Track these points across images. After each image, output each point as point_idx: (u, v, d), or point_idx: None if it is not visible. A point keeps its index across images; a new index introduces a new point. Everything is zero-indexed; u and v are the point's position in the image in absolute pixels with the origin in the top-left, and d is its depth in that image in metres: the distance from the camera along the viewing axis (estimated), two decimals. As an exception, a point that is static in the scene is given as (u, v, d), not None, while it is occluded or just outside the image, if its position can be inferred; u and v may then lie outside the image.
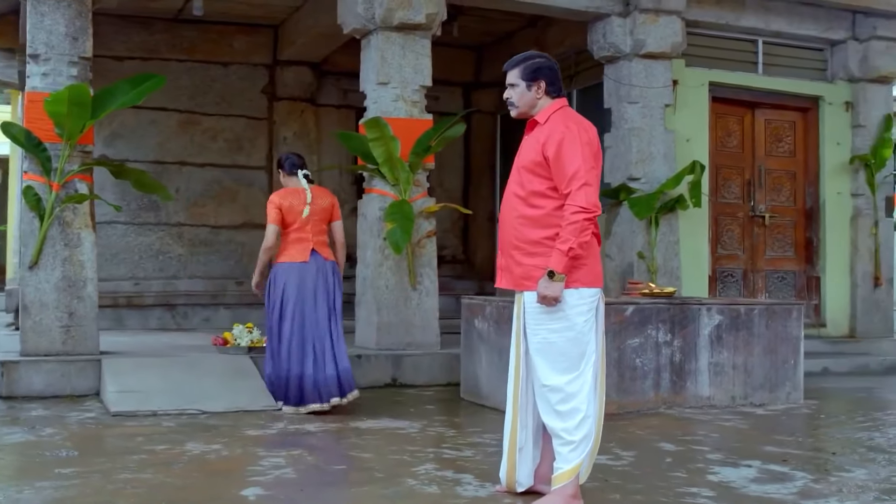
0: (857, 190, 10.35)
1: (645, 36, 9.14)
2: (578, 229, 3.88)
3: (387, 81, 8.34)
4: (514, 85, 4.17)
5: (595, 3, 9.17)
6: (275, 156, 11.45)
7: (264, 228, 11.43)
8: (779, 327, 7.49)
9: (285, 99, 11.50)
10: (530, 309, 4.05)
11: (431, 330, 8.41)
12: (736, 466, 5.05)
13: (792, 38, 10.18)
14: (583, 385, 4.05)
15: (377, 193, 8.36)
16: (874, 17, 10.17)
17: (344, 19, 8.61)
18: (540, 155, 4.01)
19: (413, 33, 8.39)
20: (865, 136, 10.34)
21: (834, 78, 10.41)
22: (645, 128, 9.27)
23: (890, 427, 6.43)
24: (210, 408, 6.53)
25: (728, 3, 9.68)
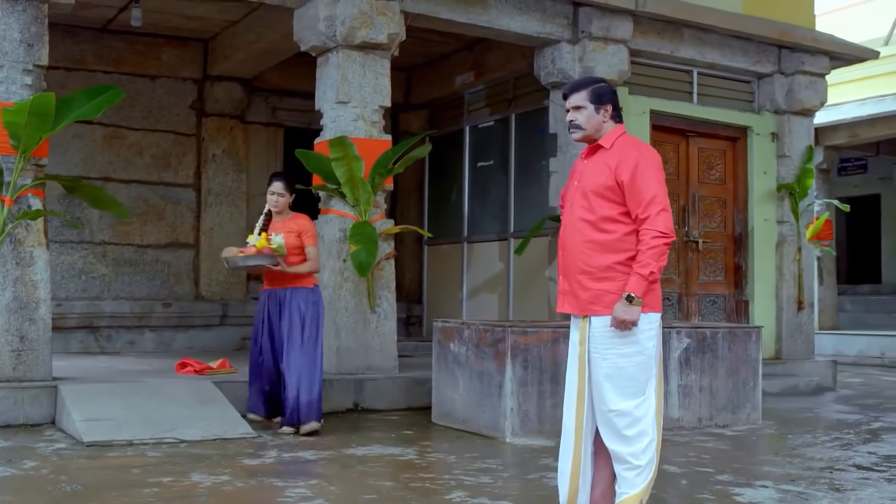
0: (783, 217, 10.77)
1: (594, 63, 9.27)
2: (658, 254, 3.88)
3: (347, 101, 8.20)
4: (582, 108, 4.14)
5: (546, 29, 9.26)
6: (203, 172, 11.15)
7: (191, 248, 11.30)
8: (740, 350, 7.70)
9: (214, 115, 11.18)
10: (599, 334, 4.02)
11: (390, 353, 8.29)
12: (753, 487, 5.14)
13: (724, 70, 10.53)
14: (648, 409, 4.05)
15: (336, 214, 8.20)
16: (799, 53, 10.63)
17: (301, 36, 8.43)
18: (612, 179, 3.99)
19: (373, 53, 8.30)
20: (790, 166, 10.77)
21: (761, 109, 10.82)
22: (592, 153, 9.38)
23: (858, 446, 6.67)
24: (187, 436, 6.24)
25: (668, 35, 9.94)
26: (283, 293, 6.58)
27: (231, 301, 11.13)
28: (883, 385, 11.57)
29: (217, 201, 11.17)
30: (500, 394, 6.69)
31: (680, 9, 9.73)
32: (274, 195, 6.63)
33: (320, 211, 8.47)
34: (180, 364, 8.06)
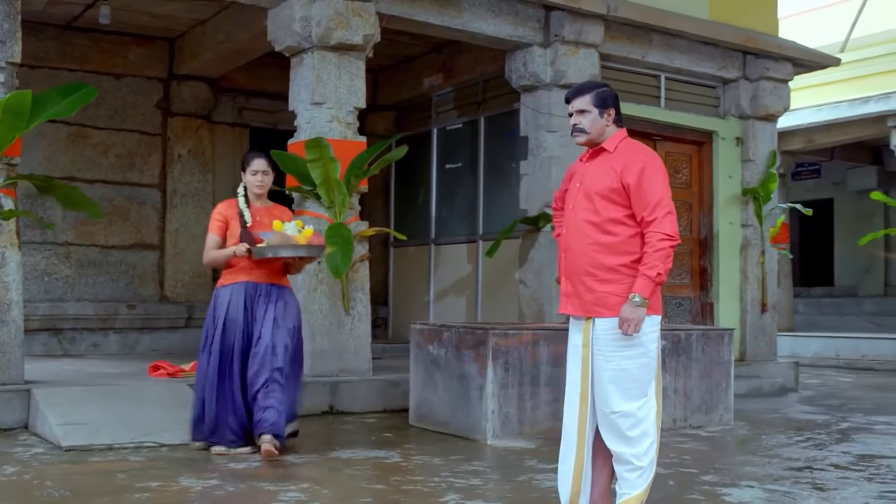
0: (747, 221, 10.92)
1: (566, 67, 9.33)
2: (665, 256, 3.93)
3: (322, 102, 8.17)
4: (586, 111, 4.18)
5: (518, 32, 9.30)
6: (169, 173, 11.02)
7: (156, 249, 11.16)
8: (713, 352, 7.79)
9: (180, 115, 11.05)
10: (604, 336, 4.05)
11: (364, 355, 8.27)
12: (739, 487, 5.21)
13: (691, 75, 10.66)
14: (650, 410, 4.10)
15: (311, 216, 8.15)
16: (764, 59, 10.79)
17: (276, 36, 8.37)
18: (618, 182, 4.03)
19: (348, 54, 8.27)
20: (754, 171, 10.94)
21: (726, 114, 10.97)
22: (563, 156, 9.44)
23: (831, 446, 6.79)
24: (167, 440, 6.17)
25: (638, 39, 10.03)
26: (269, 289, 5.77)
27: (196, 303, 11.00)
28: (842, 386, 11.79)
29: (183, 202, 11.05)
30: (481, 396, 6.70)
31: (649, 14, 9.83)
32: (258, 174, 5.81)
33: (294, 212, 8.40)
34: (153, 367, 7.96)
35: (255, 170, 5.83)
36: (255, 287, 5.75)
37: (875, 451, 6.53)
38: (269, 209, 5.91)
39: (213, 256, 5.82)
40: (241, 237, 5.67)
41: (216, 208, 5.93)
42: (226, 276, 5.82)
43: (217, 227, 5.80)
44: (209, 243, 5.81)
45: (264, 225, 5.72)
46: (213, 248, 5.80)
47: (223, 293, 5.77)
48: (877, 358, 14.45)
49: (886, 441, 7.05)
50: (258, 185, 5.84)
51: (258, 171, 5.82)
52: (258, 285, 5.75)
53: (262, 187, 5.85)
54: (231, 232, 5.74)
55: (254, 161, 5.86)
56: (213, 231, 5.81)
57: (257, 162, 5.86)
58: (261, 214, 5.84)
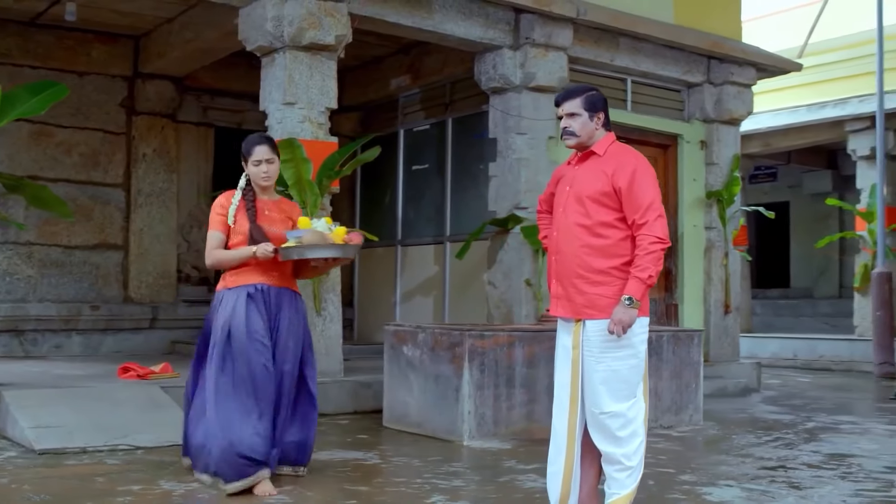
0: (711, 223, 11.06)
1: (535, 69, 9.38)
2: (656, 258, 3.98)
3: (294, 102, 8.12)
4: (576, 115, 4.20)
5: (489, 34, 9.32)
6: (133, 172, 10.88)
7: (120, 249, 11.01)
8: (683, 353, 7.89)
9: (145, 114, 10.92)
10: (595, 338, 4.08)
11: (336, 357, 8.25)
12: (718, 487, 5.28)
13: (656, 79, 10.76)
14: (640, 410, 4.15)
15: (282, 216, 8.11)
16: (728, 64, 10.93)
17: (247, 35, 8.31)
18: (609, 186, 4.07)
19: (320, 54, 8.23)
20: (718, 174, 11.08)
21: (691, 118, 11.09)
22: (532, 158, 9.50)
23: (801, 445, 6.90)
24: (142, 442, 6.11)
25: (605, 43, 10.11)
26: (281, 294, 4.96)
27: (161, 304, 10.89)
28: (802, 386, 11.98)
29: (147, 202, 10.92)
30: (458, 397, 6.72)
31: (618, 18, 9.91)
32: (261, 164, 4.91)
33: (265, 213, 8.36)
34: (122, 368, 7.86)
35: (258, 159, 4.91)
36: (272, 291, 4.91)
37: (844, 451, 6.65)
38: (277, 203, 5.09)
39: (222, 257, 4.88)
40: (250, 234, 4.82)
41: (217, 201, 4.99)
42: (235, 277, 4.89)
43: (220, 222, 4.92)
44: (213, 242, 4.90)
45: (274, 220, 4.94)
46: (217, 246, 4.89)
47: (230, 296, 4.86)
48: (833, 358, 14.70)
49: (853, 440, 7.18)
50: (264, 176, 4.93)
51: (262, 159, 4.91)
52: (274, 289, 4.92)
53: (269, 178, 4.95)
54: (237, 228, 4.87)
55: (256, 149, 4.92)
56: (217, 228, 4.91)
57: (260, 150, 4.92)
58: (269, 208, 5.00)
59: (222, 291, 4.92)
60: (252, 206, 4.91)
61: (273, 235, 4.85)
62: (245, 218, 4.87)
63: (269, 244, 4.76)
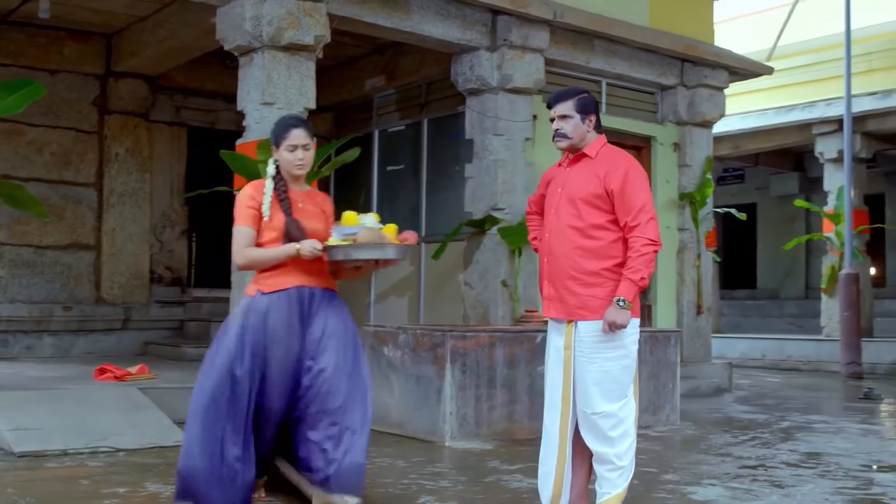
0: (683, 225, 11.16)
1: (512, 71, 9.41)
2: (648, 260, 4.02)
3: (272, 102, 8.08)
4: (568, 117, 4.23)
5: (466, 35, 9.34)
6: (105, 172, 10.78)
7: (92, 249, 10.90)
8: (660, 353, 7.95)
9: (118, 112, 10.83)
10: (588, 338, 4.11)
11: (314, 358, 8.21)
12: (702, 486, 5.33)
13: (630, 81, 10.83)
14: (630, 410, 4.19)
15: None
16: (701, 67, 11.04)
17: (225, 35, 8.26)
18: (601, 188, 4.10)
19: (299, 54, 8.20)
20: (690, 176, 11.18)
21: (664, 120, 11.18)
22: (509, 160, 9.53)
23: (778, 444, 6.99)
24: (123, 444, 6.08)
25: (581, 45, 10.17)
26: (322, 297, 4.32)
27: (134, 305, 10.81)
28: (772, 386, 12.12)
29: (120, 201, 10.83)
30: (439, 398, 6.74)
31: (594, 20, 9.96)
32: (297, 150, 4.27)
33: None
34: (99, 370, 7.80)
35: (293, 144, 4.25)
36: (314, 294, 4.27)
37: (820, 449, 6.74)
38: (309, 194, 4.42)
39: (257, 256, 4.19)
40: (286, 229, 4.16)
41: (245, 192, 4.28)
42: (272, 279, 4.21)
43: (251, 217, 4.21)
44: (243, 239, 4.20)
45: (309, 213, 4.29)
46: (248, 244, 4.19)
47: (262, 303, 4.19)
48: (801, 358, 14.88)
49: (828, 439, 7.28)
50: (299, 163, 4.28)
51: (297, 144, 4.26)
52: (316, 292, 4.29)
53: (304, 166, 4.32)
54: (272, 223, 4.20)
55: (291, 132, 4.27)
56: (245, 222, 4.20)
57: (296, 133, 4.27)
58: (302, 200, 4.34)
59: (255, 297, 4.18)
60: (285, 197, 4.21)
61: (310, 231, 4.18)
62: (280, 211, 4.18)
63: (315, 241, 4.11)
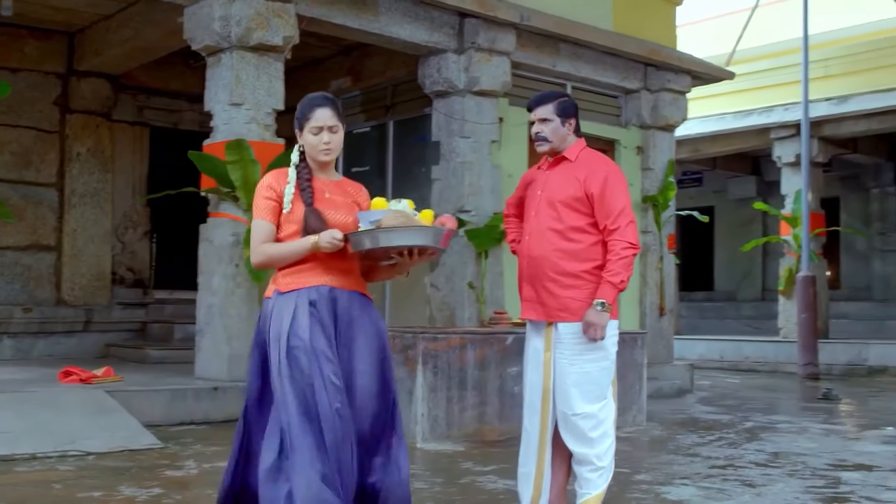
0: (647, 228, 11.28)
1: (479, 74, 9.44)
2: (627, 263, 4.05)
3: (241, 102, 8.06)
4: (548, 120, 4.26)
5: (433, 38, 9.36)
6: (66, 172, 10.64)
7: (52, 250, 10.76)
8: (627, 355, 8.01)
9: (79, 112, 10.69)
10: (568, 340, 4.14)
11: (282, 360, 8.18)
12: (675, 486, 5.40)
13: (595, 85, 10.92)
14: (610, 411, 4.23)
15: (228, 218, 8.03)
16: (664, 71, 11.16)
17: (193, 34, 8.21)
18: (581, 191, 4.13)
19: (268, 55, 8.18)
20: (653, 179, 11.30)
21: (627, 124, 11.30)
22: (475, 162, 9.56)
23: (745, 444, 7.08)
24: (92, 448, 6.00)
25: (547, 49, 10.24)
26: (352, 299, 3.60)
27: (95, 306, 10.67)
28: (732, 386, 12.28)
29: (81, 202, 10.69)
30: (411, 399, 6.74)
31: (560, 24, 10.04)
32: (322, 132, 3.58)
33: (209, 214, 8.28)
34: (63, 372, 7.68)
35: (318, 125, 3.59)
36: (340, 296, 3.57)
37: (786, 449, 6.85)
38: (338, 184, 3.73)
39: (273, 253, 3.55)
40: (305, 221, 3.52)
41: (265, 182, 3.64)
42: (290, 278, 3.56)
43: (270, 209, 3.57)
44: (261, 233, 3.57)
45: (337, 204, 3.63)
46: (267, 239, 3.57)
47: (285, 304, 3.51)
48: (759, 359, 15.09)
49: (792, 439, 7.39)
50: (325, 147, 3.60)
51: (323, 126, 3.59)
52: (343, 293, 3.57)
53: (331, 150, 3.62)
54: (293, 216, 3.55)
55: (317, 112, 3.60)
56: (264, 215, 3.58)
57: (322, 114, 3.59)
58: (330, 190, 3.66)
59: (273, 298, 3.55)
60: (308, 186, 3.61)
61: (336, 223, 3.55)
62: (301, 202, 3.58)
63: (335, 231, 3.48)
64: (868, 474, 5.82)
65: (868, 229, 17.79)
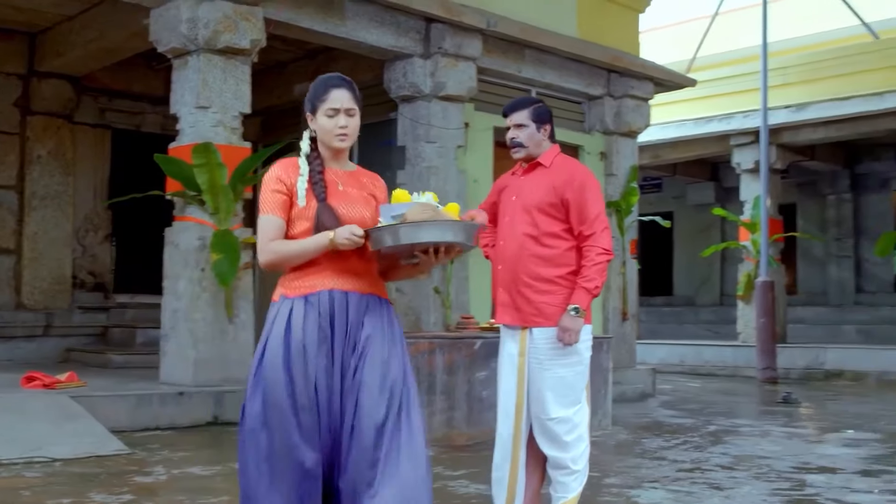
0: (610, 233, 11.35)
1: (445, 79, 9.47)
2: (601, 269, 4.09)
3: (207, 106, 8.01)
4: (524, 126, 4.29)
5: (400, 42, 9.38)
6: (27, 174, 10.50)
7: (11, 254, 10.61)
8: (593, 359, 7.95)
9: (40, 114, 10.57)
10: (543, 345, 4.17)
11: (247, 364, 8.11)
12: (644, 489, 5.45)
13: (559, 91, 10.99)
14: (584, 415, 4.26)
15: (193, 222, 7.98)
16: (627, 78, 11.27)
17: (159, 37, 8.15)
18: (557, 197, 4.16)
19: (235, 58, 8.15)
20: (616, 185, 11.39)
21: (591, 129, 11.38)
22: (441, 167, 9.59)
23: (709, 448, 7.17)
24: (58, 454, 5.93)
25: (512, 54, 10.29)
26: (364, 303, 3.17)
27: (55, 311, 10.54)
28: (693, 391, 12.41)
29: (42, 205, 10.56)
30: (380, 404, 6.73)
31: (525, 30, 10.10)
32: (339, 114, 3.16)
33: (174, 218, 8.21)
34: (26, 378, 7.58)
35: (334, 107, 3.17)
36: (350, 300, 3.14)
37: (750, 452, 6.94)
38: (353, 174, 3.31)
39: (284, 251, 3.13)
40: (317, 217, 3.11)
41: (272, 173, 3.23)
42: (296, 279, 3.15)
43: (279, 203, 3.15)
44: (270, 230, 3.15)
45: (352, 198, 3.22)
46: (277, 236, 3.16)
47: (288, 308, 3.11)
48: (718, 364, 15.25)
49: (755, 442, 7.49)
50: (340, 132, 3.20)
51: (339, 108, 3.17)
52: (354, 297, 3.15)
53: (347, 136, 3.22)
54: (307, 212, 3.14)
55: (333, 93, 3.18)
56: (273, 210, 3.16)
57: (338, 95, 3.18)
58: (343, 181, 3.26)
59: (280, 302, 3.15)
60: (319, 177, 3.21)
61: (350, 219, 3.15)
62: (313, 196, 3.18)
63: (353, 226, 3.07)
64: (832, 477, 5.92)
65: (824, 235, 18.07)
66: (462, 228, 3.11)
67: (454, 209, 3.24)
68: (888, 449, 7.24)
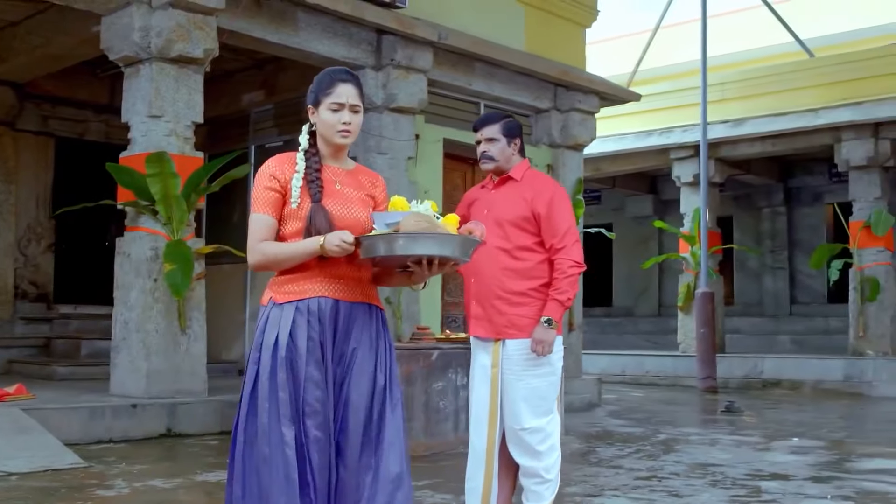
0: (556, 244, 11.48)
1: (397, 91, 9.51)
2: (573, 282, 4.17)
3: (160, 115, 7.94)
4: (495, 140, 4.36)
5: (352, 54, 9.39)
6: (-33, 183, 10.27)
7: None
8: (546, 369, 8.16)
9: (-19, 121, 10.38)
10: (516, 356, 4.22)
11: (200, 376, 8.09)
12: (606, 497, 5.54)
13: (508, 104, 11.08)
14: (556, 425, 4.33)
15: (146, 232, 7.89)
16: (574, 92, 11.42)
17: (110, 45, 8.06)
18: (528, 211, 4.23)
19: (188, 67, 8.09)
20: (563, 197, 11.52)
21: (538, 142, 11.51)
22: (392, 178, 9.59)
23: (662, 456, 7.29)
24: (14, 468, 5.82)
25: (462, 67, 10.37)
26: (355, 312, 3.11)
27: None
28: (637, 400, 12.59)
29: (-18, 213, 10.36)
30: (339, 415, 6.73)
31: (476, 44, 10.19)
32: (343, 109, 3.10)
33: (126, 228, 8.11)
34: (-27, 391, 7.42)
35: (338, 101, 3.11)
36: (340, 308, 3.07)
37: (702, 460, 7.08)
38: (352, 173, 3.22)
39: (276, 254, 3.04)
40: (309, 218, 3.03)
41: (266, 170, 3.12)
42: (286, 284, 3.08)
43: (271, 201, 3.07)
44: (260, 230, 3.05)
45: (349, 199, 3.13)
46: (267, 237, 3.06)
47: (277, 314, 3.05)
48: (659, 373, 15.50)
49: (705, 450, 7.64)
50: (343, 128, 3.13)
51: (344, 103, 3.11)
52: (343, 306, 3.08)
53: (349, 133, 3.15)
54: (300, 212, 3.05)
55: (338, 87, 3.12)
56: (265, 208, 3.07)
57: (344, 89, 3.12)
58: (341, 181, 3.16)
59: (269, 307, 3.07)
60: (316, 175, 3.10)
61: (345, 219, 3.06)
62: (307, 195, 3.07)
63: (344, 233, 2.95)
64: (786, 483, 6.07)
65: (760, 247, 18.48)
66: (460, 244, 3.07)
67: (453, 220, 3.18)
68: (833, 455, 7.44)
